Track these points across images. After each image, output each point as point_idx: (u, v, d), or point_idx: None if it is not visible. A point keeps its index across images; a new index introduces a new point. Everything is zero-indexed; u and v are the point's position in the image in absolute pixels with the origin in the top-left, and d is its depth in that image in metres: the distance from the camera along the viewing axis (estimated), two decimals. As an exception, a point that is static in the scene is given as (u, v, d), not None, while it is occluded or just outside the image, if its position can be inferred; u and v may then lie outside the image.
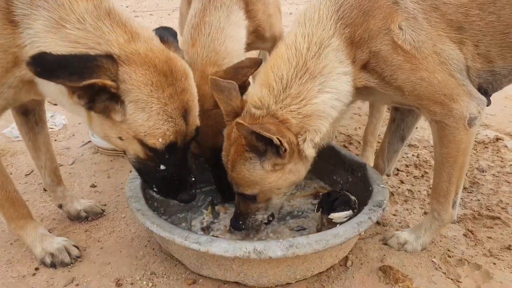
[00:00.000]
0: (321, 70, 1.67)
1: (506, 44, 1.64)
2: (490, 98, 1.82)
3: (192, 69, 1.99)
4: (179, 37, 2.06)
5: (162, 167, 1.61)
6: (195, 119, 1.63)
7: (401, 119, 2.20)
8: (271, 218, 1.99)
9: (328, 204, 1.91)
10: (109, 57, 1.39)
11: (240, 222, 1.92)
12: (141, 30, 1.54)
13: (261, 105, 1.71)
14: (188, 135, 1.60)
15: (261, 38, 2.63)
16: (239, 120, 1.59)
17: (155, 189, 1.75)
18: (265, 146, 1.65)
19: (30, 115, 2.07)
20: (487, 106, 1.77)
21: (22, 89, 1.64)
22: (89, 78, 1.33)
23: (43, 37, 1.43)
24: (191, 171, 1.71)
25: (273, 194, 1.85)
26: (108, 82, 1.38)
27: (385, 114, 2.78)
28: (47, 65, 1.30)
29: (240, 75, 1.99)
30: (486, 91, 1.76)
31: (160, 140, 1.50)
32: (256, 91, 1.76)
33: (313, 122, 1.69)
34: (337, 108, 1.73)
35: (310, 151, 1.73)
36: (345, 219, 1.84)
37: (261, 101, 1.71)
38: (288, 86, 1.69)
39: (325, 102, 1.69)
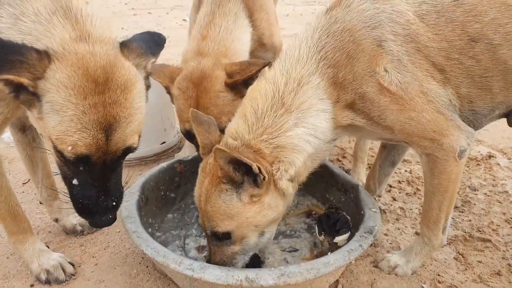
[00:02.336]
0: (299, 106, 1.67)
1: (485, 86, 1.68)
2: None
3: (202, 55, 2.25)
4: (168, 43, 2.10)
5: (74, 181, 1.47)
6: (124, 138, 1.41)
7: (392, 146, 2.23)
8: (261, 259, 1.87)
9: (330, 226, 1.93)
10: (41, 52, 1.28)
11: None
12: (97, 30, 1.42)
13: (236, 136, 1.71)
14: (109, 153, 1.41)
15: (262, 46, 2.74)
16: (219, 146, 1.57)
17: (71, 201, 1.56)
18: (242, 177, 1.62)
19: (27, 131, 2.09)
20: None
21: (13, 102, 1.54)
22: (8, 73, 1.24)
23: (7, 34, 1.35)
24: (112, 193, 1.51)
25: (250, 232, 1.73)
26: (24, 80, 1.28)
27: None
28: None
29: (249, 69, 2.16)
30: None
31: (69, 148, 1.35)
32: (233, 123, 1.77)
33: (286, 154, 1.68)
34: (312, 144, 1.71)
35: (285, 184, 1.70)
36: (346, 241, 1.88)
37: (237, 132, 1.71)
38: (262, 117, 1.69)
39: (299, 136, 1.68)
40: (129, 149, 1.47)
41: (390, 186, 2.82)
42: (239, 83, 2.19)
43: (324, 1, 9.82)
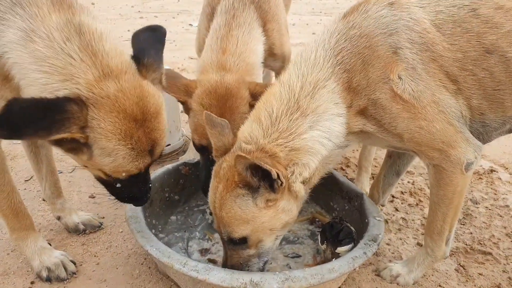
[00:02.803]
0: (314, 110, 1.68)
1: (497, 99, 1.69)
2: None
3: (225, 70, 2.21)
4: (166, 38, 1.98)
5: (118, 185, 1.60)
6: (161, 148, 1.59)
7: (398, 156, 2.24)
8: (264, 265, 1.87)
9: (333, 236, 1.94)
10: (78, 102, 1.31)
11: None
12: (114, 59, 1.42)
13: (250, 140, 1.71)
14: (152, 163, 1.60)
15: (273, 55, 2.74)
16: (240, 153, 1.56)
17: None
18: (258, 182, 1.63)
19: None
20: None
21: None
22: (58, 133, 1.27)
23: (14, 49, 1.35)
24: (148, 181, 1.71)
25: (266, 236, 1.74)
26: (77, 135, 1.34)
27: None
28: (12, 125, 1.21)
29: None
30: None
31: (123, 174, 1.53)
32: (246, 127, 1.77)
33: (301, 156, 1.69)
34: (327, 147, 1.72)
35: (298, 186, 1.71)
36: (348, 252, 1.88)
37: (251, 136, 1.71)
38: (277, 121, 1.69)
39: (314, 138, 1.69)
40: (162, 153, 1.65)
41: (393, 196, 2.83)
42: None
43: (330, 12, 9.93)
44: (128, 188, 1.63)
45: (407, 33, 1.64)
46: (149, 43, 1.59)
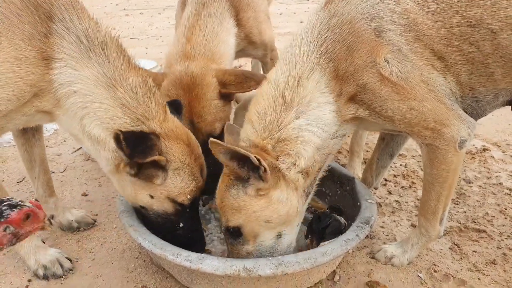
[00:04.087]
0: (300, 101, 1.69)
1: (486, 73, 1.67)
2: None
3: (189, 60, 2.23)
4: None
5: (181, 224, 1.87)
6: (205, 173, 1.92)
7: (391, 138, 2.24)
8: None
9: (319, 231, 1.92)
10: (156, 135, 1.68)
11: None
12: (166, 108, 1.84)
13: (245, 139, 1.76)
14: (203, 186, 1.90)
15: (252, 44, 2.72)
16: (212, 139, 1.59)
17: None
18: (247, 173, 1.65)
19: (28, 128, 2.08)
20: None
21: (35, 117, 1.70)
22: (151, 155, 1.63)
23: (90, 83, 1.63)
24: (199, 221, 1.99)
25: (262, 229, 1.73)
26: (162, 158, 1.69)
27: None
28: (130, 146, 1.58)
29: (246, 85, 2.14)
30: (471, 116, 1.79)
31: (188, 196, 1.81)
32: (243, 129, 1.82)
33: (291, 146, 1.69)
34: (318, 135, 1.71)
35: (294, 175, 1.70)
36: None
37: (245, 136, 1.77)
38: (264, 117, 1.71)
39: (300, 126, 1.69)
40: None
41: (386, 180, 2.83)
42: (233, 94, 2.20)
43: (317, 0, 9.87)
44: (188, 223, 1.88)
45: (389, 16, 1.63)
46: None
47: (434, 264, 2.07)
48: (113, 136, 1.58)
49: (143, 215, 1.89)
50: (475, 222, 2.43)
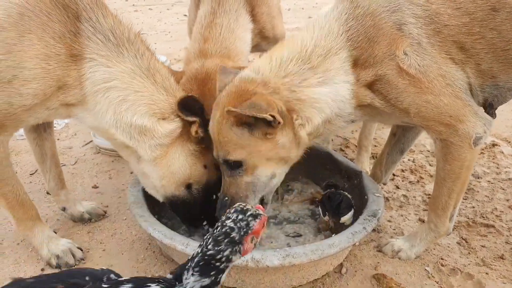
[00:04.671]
0: (325, 71, 1.70)
1: (507, 60, 1.65)
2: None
3: (206, 57, 2.26)
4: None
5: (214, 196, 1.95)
6: None
7: (402, 134, 2.24)
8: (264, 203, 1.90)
9: (334, 208, 1.98)
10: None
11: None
12: None
13: (257, 71, 1.74)
14: None
15: (265, 39, 2.74)
16: (229, 108, 1.59)
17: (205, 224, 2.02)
18: (255, 120, 1.65)
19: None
20: (493, 119, 1.80)
21: (58, 110, 1.75)
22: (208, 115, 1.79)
23: (127, 76, 1.71)
24: None
25: (261, 163, 1.76)
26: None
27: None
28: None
29: None
30: (491, 104, 1.79)
31: None
32: (256, 62, 1.81)
33: (305, 108, 1.71)
34: (332, 108, 1.73)
35: (303, 133, 1.74)
36: (352, 219, 1.95)
37: (259, 68, 1.75)
38: (287, 63, 1.71)
39: (321, 94, 1.71)
40: None
41: (394, 174, 2.82)
42: None
43: (326, -5, 9.79)
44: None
45: (410, 8, 1.64)
46: None
47: (442, 258, 2.07)
48: (180, 103, 1.73)
49: (175, 202, 1.93)
50: (483, 217, 2.42)
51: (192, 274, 1.12)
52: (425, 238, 2.02)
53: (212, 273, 1.12)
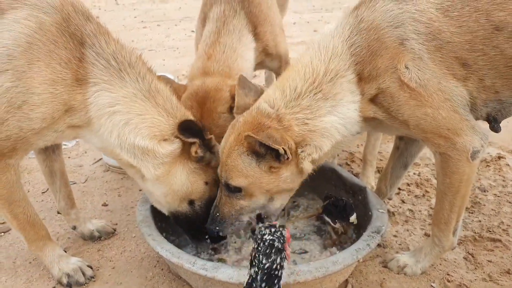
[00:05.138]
0: (334, 95, 1.78)
1: (510, 76, 1.69)
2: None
3: (207, 75, 2.37)
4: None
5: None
6: None
7: (405, 148, 2.27)
8: (260, 221, 1.95)
9: (341, 213, 2.06)
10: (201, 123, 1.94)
11: (217, 228, 1.94)
12: None
13: (273, 104, 1.82)
14: None
15: (268, 56, 2.83)
16: (249, 133, 1.68)
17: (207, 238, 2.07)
18: (265, 151, 1.73)
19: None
20: (497, 132, 1.85)
21: (64, 133, 1.82)
22: (207, 135, 1.89)
23: (128, 101, 1.79)
24: None
25: (260, 194, 1.86)
26: (213, 137, 1.95)
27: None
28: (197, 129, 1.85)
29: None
30: (495, 118, 1.82)
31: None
32: (270, 92, 1.88)
33: (316, 138, 1.79)
34: (341, 132, 1.82)
35: (307, 165, 1.81)
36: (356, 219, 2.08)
37: (273, 101, 1.82)
38: (300, 97, 1.79)
39: (331, 123, 1.79)
40: None
41: (399, 189, 2.84)
42: None
43: (331, 8, 9.91)
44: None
45: (412, 25, 1.69)
46: None
47: (448, 274, 2.08)
48: (180, 125, 1.80)
49: (178, 217, 2.01)
50: (490, 231, 2.42)
51: None
52: (430, 253, 2.03)
53: (275, 281, 1.37)
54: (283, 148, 1.67)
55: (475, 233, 2.40)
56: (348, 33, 1.78)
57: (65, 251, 2.22)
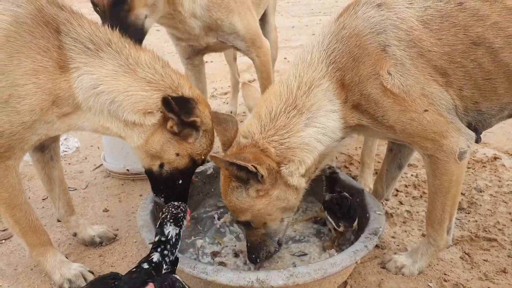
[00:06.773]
0: (309, 107, 1.79)
1: (489, 88, 1.73)
2: (481, 134, 1.90)
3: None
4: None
5: (180, 181, 2.09)
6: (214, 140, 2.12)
7: (398, 149, 2.30)
8: (277, 247, 2.05)
9: (345, 214, 2.10)
10: (194, 100, 1.94)
11: (253, 256, 2.02)
12: (186, 77, 2.07)
13: (248, 134, 1.85)
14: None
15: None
16: (212, 154, 1.76)
17: (163, 197, 2.14)
18: (246, 175, 1.76)
19: (46, 151, 2.21)
20: (477, 143, 1.88)
21: (55, 124, 1.85)
22: (194, 116, 1.91)
23: (110, 79, 1.80)
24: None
25: (268, 220, 1.93)
26: (199, 119, 1.94)
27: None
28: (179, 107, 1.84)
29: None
30: (476, 129, 1.85)
31: (203, 156, 2.07)
32: (247, 122, 1.92)
33: (297, 153, 1.80)
34: (323, 142, 1.83)
35: (298, 181, 1.83)
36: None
37: (249, 130, 1.85)
38: (275, 118, 1.81)
39: (310, 136, 1.80)
40: None
41: (397, 190, 2.88)
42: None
43: (330, 11, 9.98)
44: (186, 180, 2.11)
45: (394, 32, 1.72)
46: None
47: (445, 274, 2.11)
48: (162, 101, 1.82)
49: (149, 173, 2.10)
50: (486, 231, 2.45)
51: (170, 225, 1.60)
52: (426, 253, 2.07)
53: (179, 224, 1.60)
54: (252, 165, 1.69)
55: (471, 233, 2.43)
56: (328, 42, 1.81)
57: (67, 257, 2.24)
